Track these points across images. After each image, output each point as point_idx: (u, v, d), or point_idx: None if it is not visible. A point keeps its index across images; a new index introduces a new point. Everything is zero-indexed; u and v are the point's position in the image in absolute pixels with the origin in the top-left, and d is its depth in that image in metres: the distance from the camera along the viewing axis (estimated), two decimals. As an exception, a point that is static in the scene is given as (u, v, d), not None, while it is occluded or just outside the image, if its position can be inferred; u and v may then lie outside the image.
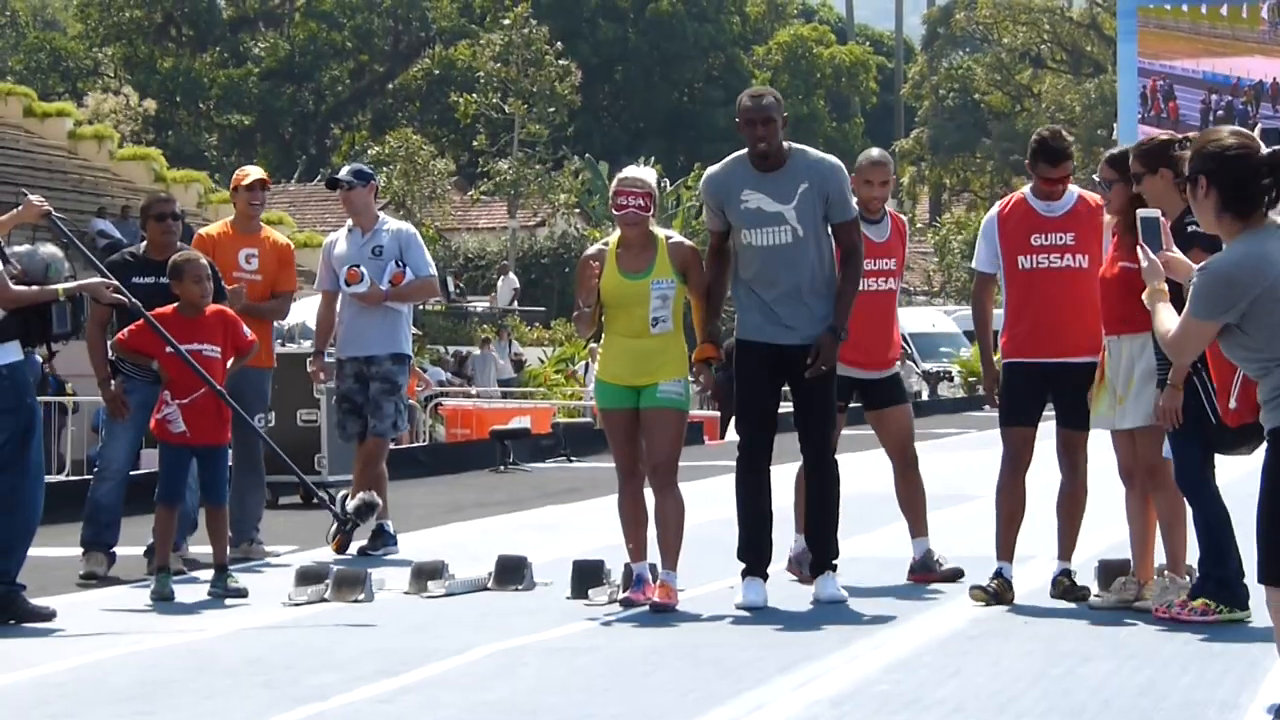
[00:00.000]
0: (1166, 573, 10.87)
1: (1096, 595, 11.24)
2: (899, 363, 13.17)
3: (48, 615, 11.11)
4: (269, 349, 14.74)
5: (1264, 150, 6.71)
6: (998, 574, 11.46)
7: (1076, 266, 11.38)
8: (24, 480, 11.15)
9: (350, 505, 13.53)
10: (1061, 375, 11.52)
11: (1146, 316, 10.36)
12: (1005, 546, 11.63)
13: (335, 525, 13.99)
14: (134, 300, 12.16)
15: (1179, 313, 7.16)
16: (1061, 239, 11.37)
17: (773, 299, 11.35)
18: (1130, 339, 10.70)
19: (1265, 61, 50.46)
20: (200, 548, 13.41)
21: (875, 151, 12.85)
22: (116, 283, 12.13)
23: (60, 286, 11.24)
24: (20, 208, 11.97)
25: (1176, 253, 7.74)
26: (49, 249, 11.69)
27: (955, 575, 12.38)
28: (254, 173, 15.07)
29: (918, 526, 12.67)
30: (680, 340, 11.42)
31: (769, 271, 11.35)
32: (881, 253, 12.54)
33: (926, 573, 12.43)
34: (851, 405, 12.71)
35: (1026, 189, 11.78)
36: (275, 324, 15.53)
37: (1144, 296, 7.52)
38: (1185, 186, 6.98)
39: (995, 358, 11.90)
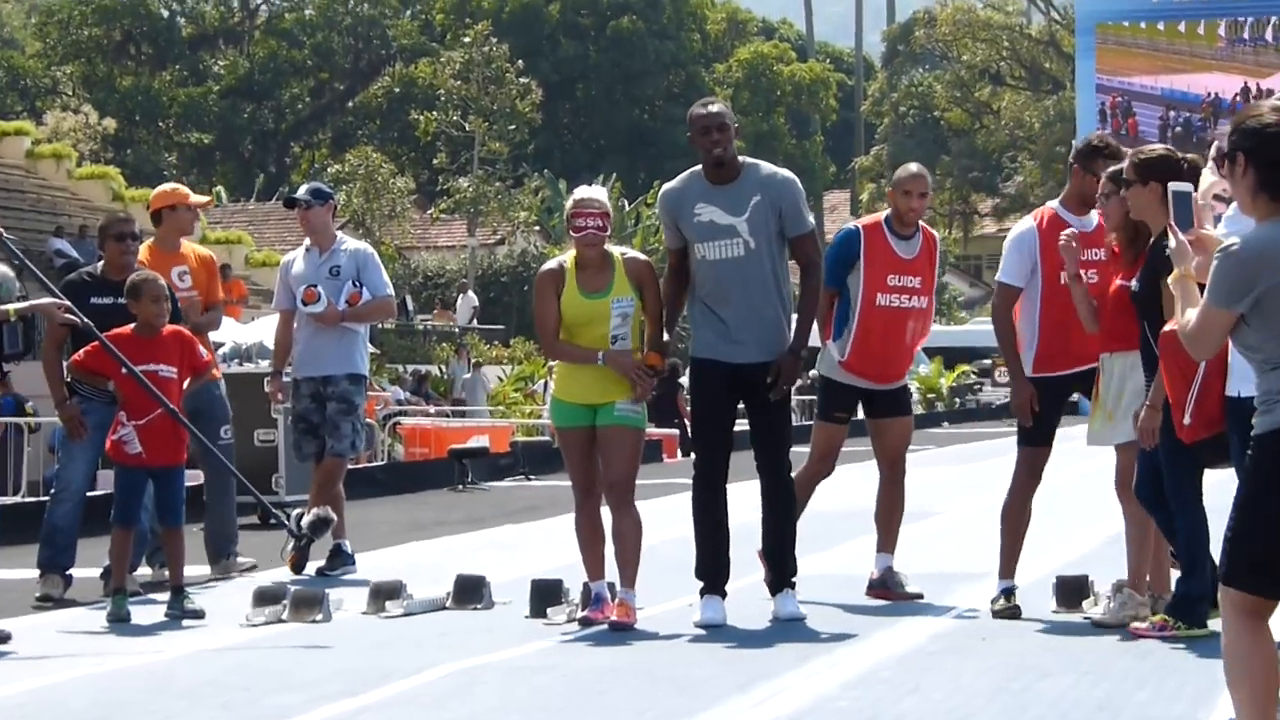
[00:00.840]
0: (1125, 588, 10.90)
1: (1101, 609, 11.16)
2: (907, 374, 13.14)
3: (3, 638, 11.08)
4: (213, 361, 14.71)
5: None
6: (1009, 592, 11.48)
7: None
8: None
9: (305, 520, 13.49)
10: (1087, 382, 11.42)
11: (1138, 334, 10.42)
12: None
13: (290, 542, 13.97)
14: (86, 320, 12.12)
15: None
16: (1096, 254, 11.26)
17: (727, 315, 11.36)
18: (1123, 356, 10.72)
19: (1223, 77, 50.70)
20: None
21: (914, 165, 12.71)
22: (68, 303, 12.11)
23: (11, 307, 11.21)
24: None
25: (1210, 229, 7.31)
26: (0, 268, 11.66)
27: (914, 598, 12.38)
28: (193, 195, 15.04)
29: (887, 540, 12.64)
30: (637, 359, 11.42)
31: (723, 286, 11.35)
32: (906, 269, 12.45)
33: (885, 590, 12.43)
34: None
35: (1055, 203, 11.76)
36: (233, 343, 15.50)
37: (1169, 281, 6.96)
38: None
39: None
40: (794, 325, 11.52)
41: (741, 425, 11.48)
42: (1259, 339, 6.28)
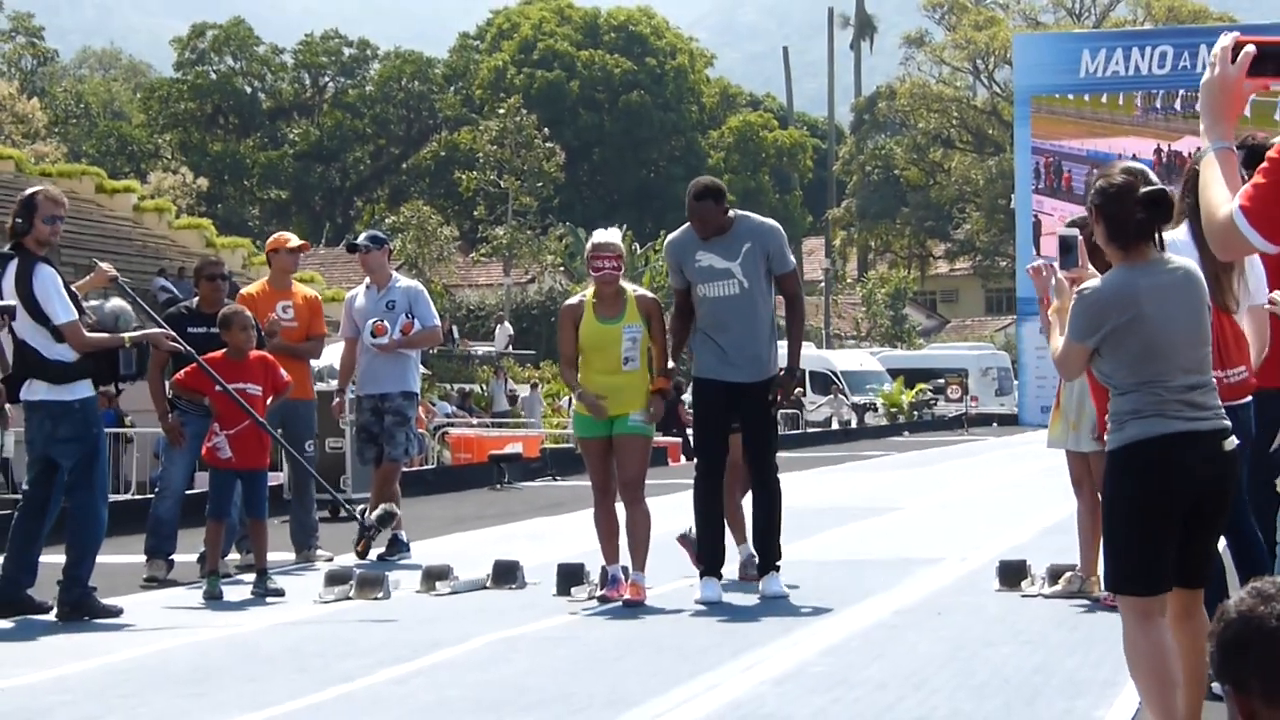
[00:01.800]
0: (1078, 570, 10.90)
1: (1037, 588, 11.11)
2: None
3: (116, 613, 11.10)
4: (309, 384, 14.74)
5: (1142, 189, 6.18)
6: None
7: None
8: (92, 497, 11.16)
9: (373, 515, 13.49)
10: None
11: None
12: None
13: (361, 532, 13.95)
14: (188, 347, 12.17)
15: None
16: None
17: (725, 342, 11.37)
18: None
19: (1139, 140, 50.66)
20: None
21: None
22: (173, 332, 12.16)
23: (126, 335, 11.27)
24: (94, 274, 11.97)
25: (1091, 271, 7.13)
26: (117, 303, 11.71)
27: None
28: (295, 239, 15.10)
29: (742, 534, 12.51)
30: (646, 377, 11.43)
31: (721, 318, 11.37)
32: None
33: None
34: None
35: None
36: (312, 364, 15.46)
37: (1049, 312, 6.87)
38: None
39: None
40: (786, 349, 11.55)
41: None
42: (1110, 368, 6.21)
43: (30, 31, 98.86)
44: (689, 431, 13.90)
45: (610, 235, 11.64)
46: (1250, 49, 4.97)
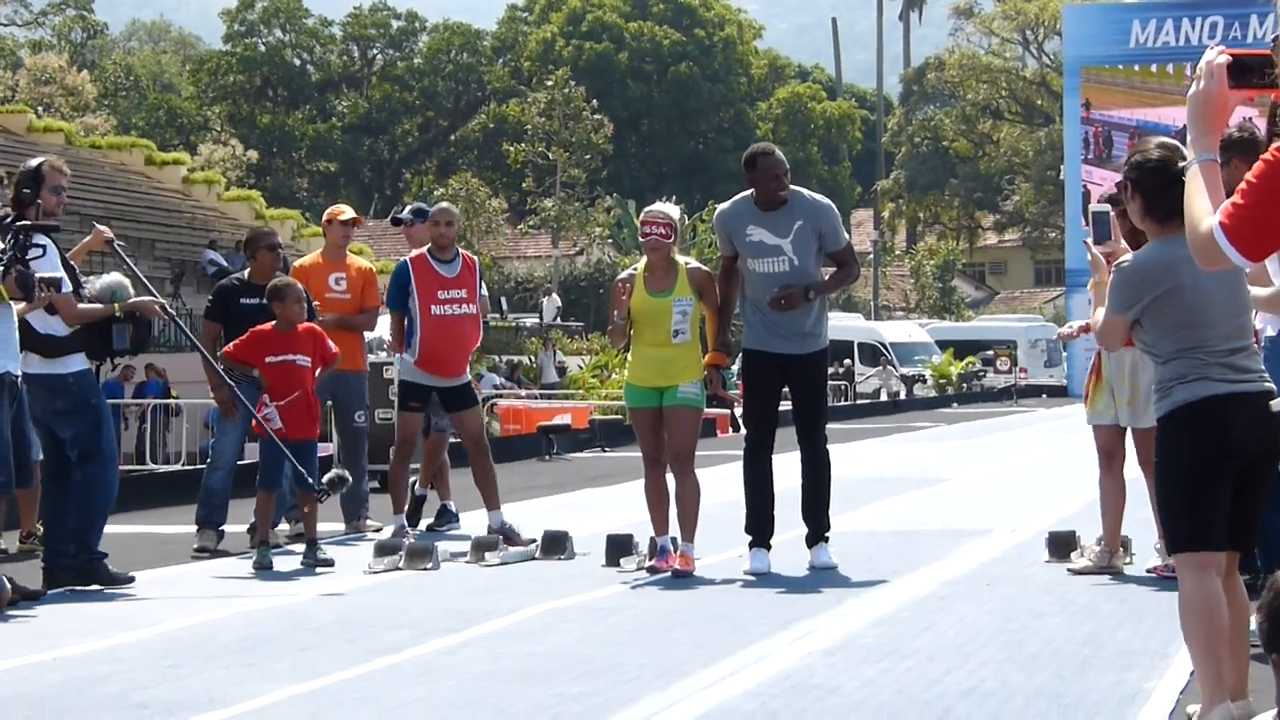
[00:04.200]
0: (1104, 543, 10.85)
1: (1079, 566, 11.04)
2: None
3: (126, 580, 11.10)
4: (361, 356, 14.72)
5: (1179, 164, 6.22)
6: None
7: None
8: (100, 466, 11.16)
9: (325, 478, 12.97)
10: None
11: None
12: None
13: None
14: (175, 316, 12.05)
15: None
16: None
17: (775, 315, 11.32)
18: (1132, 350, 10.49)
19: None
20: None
21: (443, 204, 13.64)
22: (163, 301, 12.02)
23: (117, 305, 11.20)
24: (90, 236, 11.92)
25: (1123, 245, 7.44)
26: (114, 277, 11.57)
27: (528, 543, 12.54)
28: (349, 211, 15.05)
29: (493, 502, 13.14)
30: (697, 349, 11.42)
31: (770, 292, 11.32)
32: (451, 285, 13.42)
33: (508, 540, 12.55)
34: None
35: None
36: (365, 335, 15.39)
37: (1089, 286, 7.11)
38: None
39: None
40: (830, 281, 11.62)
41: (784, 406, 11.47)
42: (1152, 338, 6.36)
43: (80, 4, 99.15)
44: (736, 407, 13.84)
45: (664, 205, 11.67)
46: (1224, 59, 5.11)
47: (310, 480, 12.03)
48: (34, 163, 11.22)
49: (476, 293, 13.60)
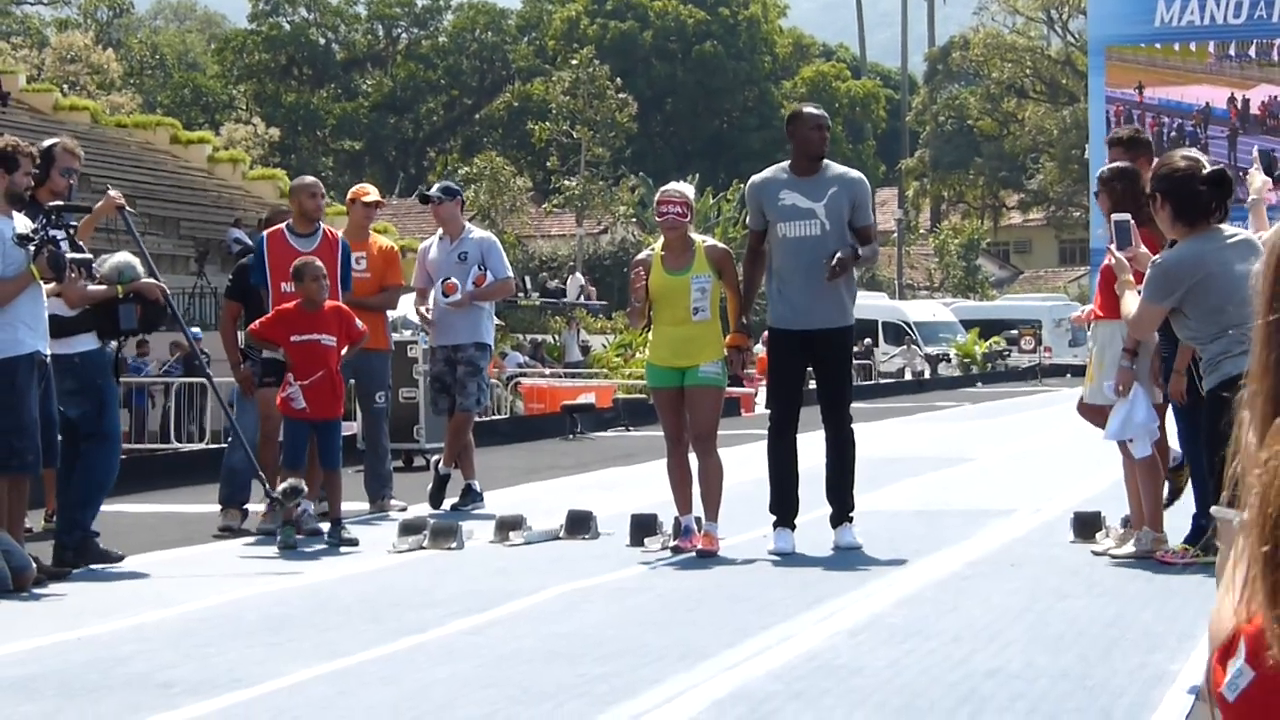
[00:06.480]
0: (1128, 526, 10.79)
1: (1111, 540, 10.97)
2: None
3: (117, 558, 11.10)
4: (385, 335, 14.72)
5: (1204, 170, 7.14)
6: None
7: None
8: (103, 447, 11.16)
9: (280, 489, 12.29)
10: None
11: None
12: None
13: (270, 503, 12.77)
14: (172, 306, 12.03)
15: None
16: None
17: (800, 287, 11.26)
18: (1107, 325, 10.54)
19: (1212, 89, 50.29)
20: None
21: (307, 178, 13.33)
22: (163, 285, 11.97)
23: (120, 287, 11.17)
24: (101, 202, 11.88)
25: (1144, 249, 8.23)
26: (122, 257, 11.53)
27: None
28: (374, 193, 15.04)
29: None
30: (717, 328, 11.39)
31: (799, 259, 11.26)
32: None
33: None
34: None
35: None
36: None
37: (1115, 286, 8.09)
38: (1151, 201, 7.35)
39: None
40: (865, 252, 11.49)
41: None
42: (1195, 323, 7.21)
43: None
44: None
45: (679, 184, 11.70)
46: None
47: (331, 459, 12.03)
48: (48, 143, 11.21)
49: (335, 269, 13.11)
